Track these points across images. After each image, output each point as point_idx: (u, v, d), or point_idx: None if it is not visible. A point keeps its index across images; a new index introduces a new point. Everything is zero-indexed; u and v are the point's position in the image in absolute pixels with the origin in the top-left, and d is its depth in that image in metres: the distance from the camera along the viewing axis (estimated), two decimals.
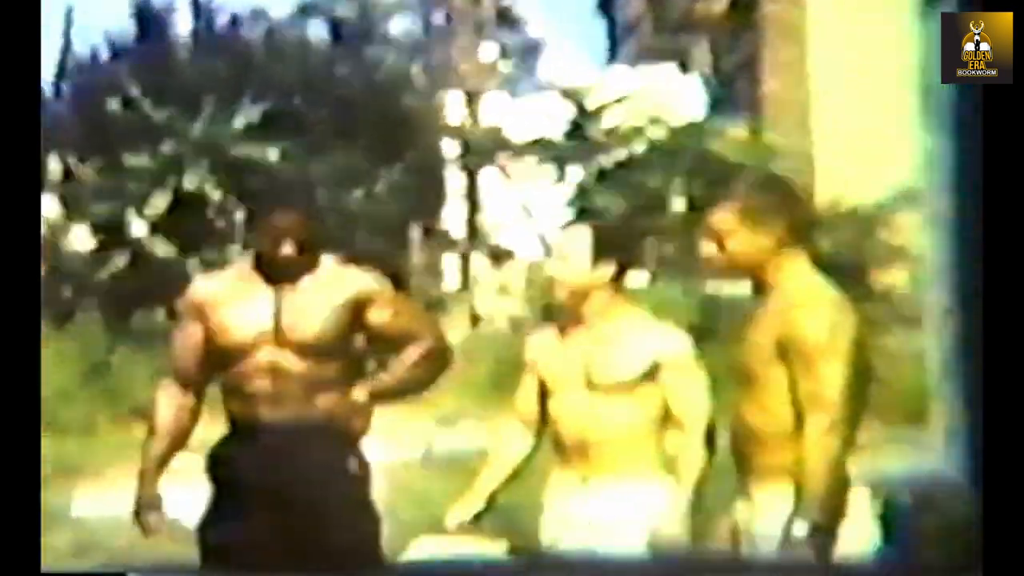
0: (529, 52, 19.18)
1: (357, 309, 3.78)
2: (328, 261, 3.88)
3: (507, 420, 3.92)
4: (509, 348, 12.69)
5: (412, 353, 3.82)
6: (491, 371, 11.74)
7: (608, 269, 3.69)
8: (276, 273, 3.80)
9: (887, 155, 10.79)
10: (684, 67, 18.16)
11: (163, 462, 3.88)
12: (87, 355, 11.67)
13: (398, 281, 4.06)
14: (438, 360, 3.89)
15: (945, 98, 3.20)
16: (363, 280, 3.85)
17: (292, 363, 3.73)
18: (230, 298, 3.83)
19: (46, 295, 13.52)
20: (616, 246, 3.74)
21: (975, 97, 3.04)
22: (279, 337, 3.73)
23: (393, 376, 3.85)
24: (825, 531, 3.19)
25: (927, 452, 3.57)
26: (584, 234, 3.74)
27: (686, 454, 3.59)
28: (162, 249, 13.57)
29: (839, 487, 3.24)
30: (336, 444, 3.76)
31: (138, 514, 3.88)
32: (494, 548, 3.80)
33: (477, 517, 3.82)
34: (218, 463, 3.86)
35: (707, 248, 3.45)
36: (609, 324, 3.69)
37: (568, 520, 3.67)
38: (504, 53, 18.40)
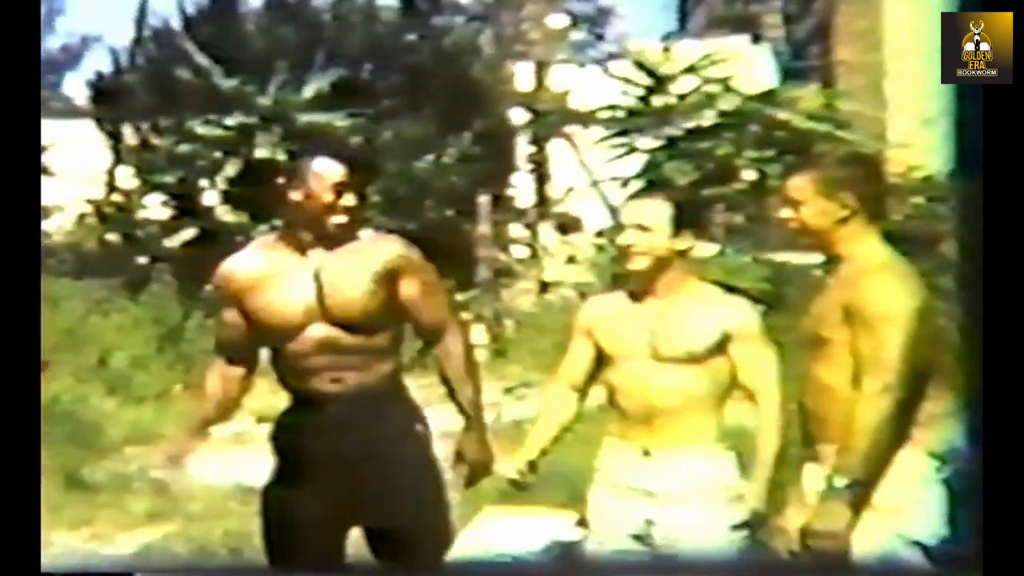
0: (599, 20, 19.08)
1: (392, 279, 3.75)
2: (365, 232, 3.85)
3: (552, 383, 3.95)
4: None
5: (456, 350, 3.85)
6: (559, 340, 11.70)
7: (688, 241, 3.70)
8: (318, 237, 3.74)
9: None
10: (756, 37, 17.97)
11: (205, 425, 3.89)
12: (161, 323, 11.83)
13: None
14: (472, 347, 3.97)
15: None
16: (395, 248, 3.82)
17: (344, 338, 3.71)
18: (268, 278, 3.76)
19: (121, 263, 13.71)
20: (688, 218, 3.76)
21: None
22: (326, 313, 3.70)
23: (471, 388, 3.88)
24: (863, 487, 3.25)
25: None
26: (665, 205, 3.74)
27: (765, 425, 3.60)
28: (233, 217, 13.69)
29: (886, 449, 3.28)
30: (399, 408, 3.79)
31: (163, 465, 3.90)
32: (564, 517, 3.83)
33: (532, 466, 3.82)
34: (283, 432, 3.89)
35: (783, 212, 3.52)
36: (679, 296, 3.71)
37: (627, 492, 3.69)
38: (574, 21, 18.31)
